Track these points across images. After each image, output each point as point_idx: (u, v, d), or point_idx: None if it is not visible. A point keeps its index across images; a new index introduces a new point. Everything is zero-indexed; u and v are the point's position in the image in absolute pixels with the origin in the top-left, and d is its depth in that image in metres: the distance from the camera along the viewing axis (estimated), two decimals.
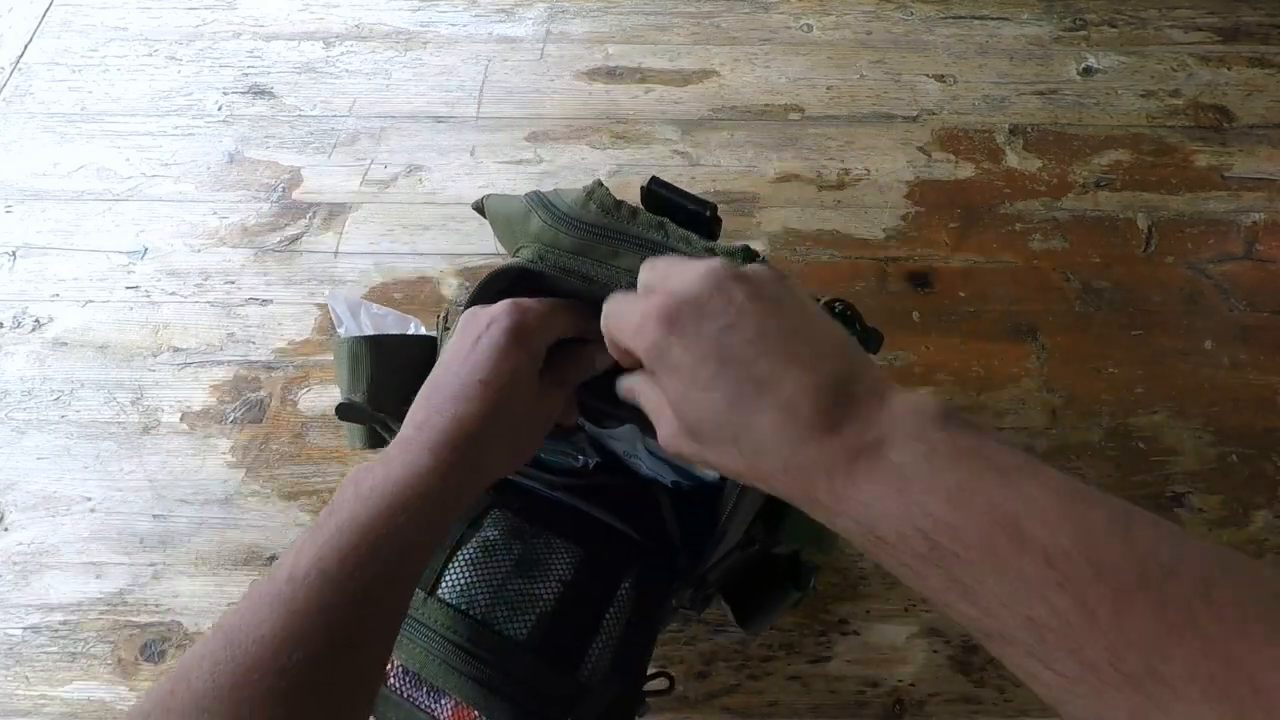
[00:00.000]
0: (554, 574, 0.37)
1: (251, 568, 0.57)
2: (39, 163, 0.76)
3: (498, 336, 0.34)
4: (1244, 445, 0.62)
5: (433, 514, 0.31)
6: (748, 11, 0.87)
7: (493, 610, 0.36)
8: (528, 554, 0.38)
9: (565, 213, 0.36)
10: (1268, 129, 0.78)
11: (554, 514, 0.40)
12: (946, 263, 0.70)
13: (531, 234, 0.37)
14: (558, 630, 0.36)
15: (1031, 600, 0.21)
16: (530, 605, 0.36)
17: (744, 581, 0.45)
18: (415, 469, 0.31)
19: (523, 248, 0.38)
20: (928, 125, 0.78)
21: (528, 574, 0.37)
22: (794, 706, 0.53)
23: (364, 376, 0.41)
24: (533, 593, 0.36)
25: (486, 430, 0.33)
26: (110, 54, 0.84)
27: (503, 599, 0.36)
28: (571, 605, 0.36)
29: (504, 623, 0.35)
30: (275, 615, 0.27)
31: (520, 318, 0.34)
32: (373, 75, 0.82)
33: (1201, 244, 0.71)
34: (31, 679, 0.54)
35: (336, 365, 0.42)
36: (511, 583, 0.37)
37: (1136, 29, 0.85)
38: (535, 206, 0.37)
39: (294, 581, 0.28)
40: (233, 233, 0.72)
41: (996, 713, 0.53)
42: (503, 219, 0.39)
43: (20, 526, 0.59)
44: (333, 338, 0.45)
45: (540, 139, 0.77)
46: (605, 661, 0.36)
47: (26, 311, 0.68)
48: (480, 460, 0.33)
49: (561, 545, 0.38)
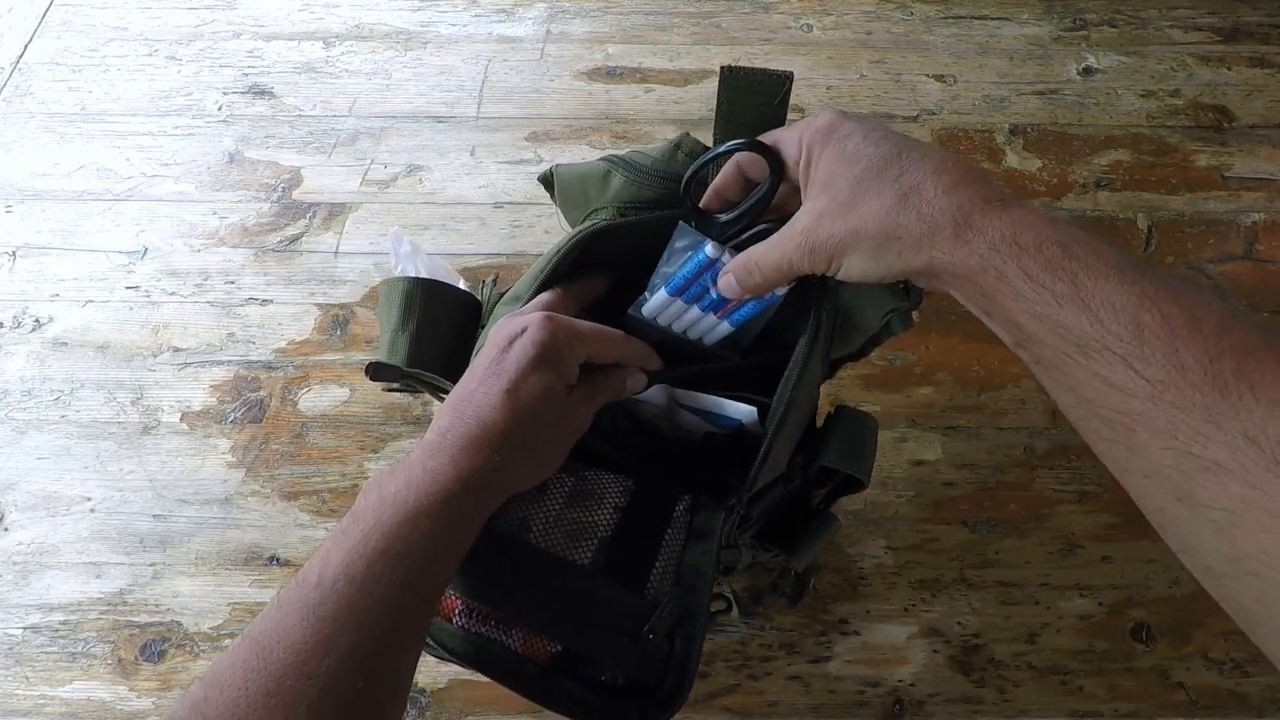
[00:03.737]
0: (609, 502, 0.37)
1: (251, 568, 0.57)
2: (39, 163, 0.76)
3: (528, 348, 0.34)
4: None
5: (456, 519, 0.31)
6: (748, 11, 0.87)
7: (551, 538, 0.36)
8: (580, 486, 0.38)
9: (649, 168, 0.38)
10: (1268, 129, 0.78)
11: (601, 457, 0.40)
12: None
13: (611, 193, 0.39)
14: (620, 552, 0.36)
15: (1143, 308, 0.24)
16: (590, 532, 0.36)
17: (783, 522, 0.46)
18: (438, 475, 0.31)
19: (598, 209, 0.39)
20: (928, 125, 0.78)
21: (583, 504, 0.37)
22: (794, 706, 0.53)
23: (414, 317, 0.41)
24: (590, 520, 0.36)
25: (510, 441, 0.33)
26: (110, 54, 0.84)
27: (560, 528, 0.36)
28: (630, 529, 0.36)
29: (564, 549, 0.35)
30: (305, 622, 0.28)
31: (551, 333, 0.34)
32: (373, 75, 0.82)
33: (1201, 244, 0.71)
34: (31, 679, 0.54)
35: (384, 304, 0.42)
36: (568, 513, 0.37)
37: (1136, 29, 0.85)
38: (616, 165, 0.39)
39: (322, 588, 0.28)
40: (233, 233, 0.72)
41: (996, 713, 0.53)
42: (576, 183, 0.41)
43: (20, 526, 0.59)
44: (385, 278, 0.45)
45: (540, 139, 0.77)
46: (669, 578, 0.36)
47: (26, 311, 0.68)
48: (503, 469, 0.33)
49: (612, 478, 0.39)
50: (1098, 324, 0.24)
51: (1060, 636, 0.55)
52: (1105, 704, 0.53)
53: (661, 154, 0.39)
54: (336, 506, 0.59)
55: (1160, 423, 0.23)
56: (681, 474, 0.40)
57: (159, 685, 0.53)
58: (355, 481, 0.60)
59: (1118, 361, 0.24)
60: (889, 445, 0.61)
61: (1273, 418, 0.21)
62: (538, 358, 0.34)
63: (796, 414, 0.38)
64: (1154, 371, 0.23)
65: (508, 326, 0.35)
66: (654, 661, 0.33)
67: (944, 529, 0.58)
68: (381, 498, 0.31)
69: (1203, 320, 0.23)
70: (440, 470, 0.31)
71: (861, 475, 0.41)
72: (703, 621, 0.35)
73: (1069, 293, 0.25)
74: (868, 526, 0.59)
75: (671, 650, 0.34)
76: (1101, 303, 0.25)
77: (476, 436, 0.32)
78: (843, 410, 0.42)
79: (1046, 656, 0.54)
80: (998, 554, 0.57)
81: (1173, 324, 0.23)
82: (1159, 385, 0.23)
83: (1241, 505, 0.21)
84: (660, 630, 0.34)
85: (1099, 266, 0.25)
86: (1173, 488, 0.23)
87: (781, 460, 0.39)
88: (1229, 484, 0.21)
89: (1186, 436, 0.22)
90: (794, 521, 0.46)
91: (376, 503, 0.31)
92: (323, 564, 0.29)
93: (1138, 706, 0.52)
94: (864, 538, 0.58)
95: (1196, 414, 0.22)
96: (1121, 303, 0.24)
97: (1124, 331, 0.24)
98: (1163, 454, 0.23)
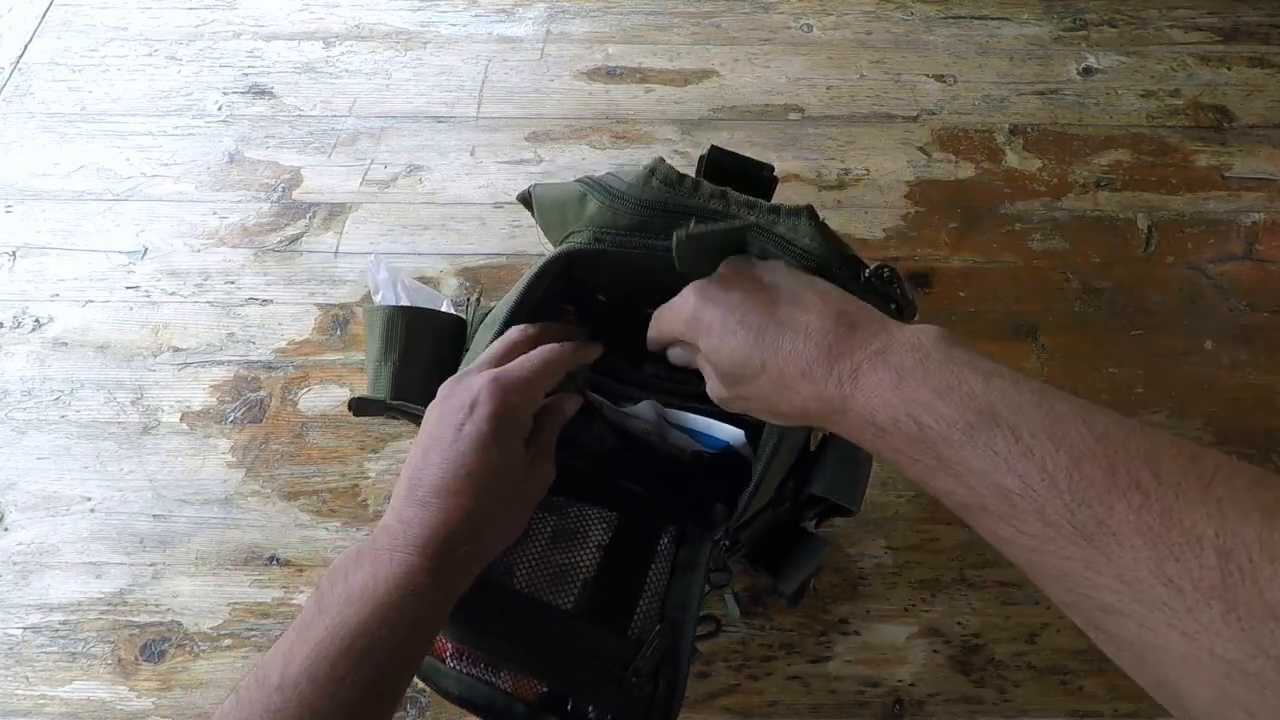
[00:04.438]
0: (591, 540, 0.37)
1: (252, 568, 0.57)
2: (39, 163, 0.76)
3: (482, 425, 0.33)
4: (1244, 445, 0.62)
5: (425, 613, 0.31)
6: (748, 11, 0.87)
7: (535, 583, 0.36)
8: (562, 525, 0.38)
9: (624, 192, 0.37)
10: (1268, 129, 0.78)
11: (583, 485, 0.40)
12: (946, 263, 0.70)
13: (587, 217, 0.38)
14: (603, 593, 0.36)
15: (1002, 471, 0.24)
16: (573, 575, 0.36)
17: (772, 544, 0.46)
18: (406, 567, 0.31)
19: (575, 233, 0.38)
20: (928, 125, 0.78)
21: (565, 545, 0.37)
22: (794, 706, 0.53)
23: (396, 347, 0.41)
24: (573, 562, 0.37)
25: (475, 523, 0.32)
26: (110, 54, 0.84)
27: (543, 572, 0.36)
28: (613, 568, 0.37)
29: (549, 594, 0.36)
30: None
31: (503, 400, 0.34)
32: (373, 75, 0.82)
33: (1201, 244, 0.71)
34: (31, 679, 0.54)
35: (368, 333, 0.42)
36: (551, 555, 0.37)
37: (1136, 29, 0.85)
38: (591, 189, 0.38)
39: (284, 690, 0.28)
40: (233, 233, 0.72)
41: (996, 713, 0.53)
42: (554, 205, 0.40)
43: (20, 526, 0.59)
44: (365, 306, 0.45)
45: (540, 139, 0.77)
46: (654, 614, 0.36)
47: (26, 311, 0.68)
48: (471, 553, 0.33)
49: (595, 513, 0.39)
50: (969, 491, 0.25)
51: (1060, 636, 0.55)
52: (1105, 704, 0.53)
53: (636, 179, 0.37)
54: (336, 506, 0.59)
55: (1053, 571, 0.24)
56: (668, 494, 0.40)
57: (159, 685, 0.53)
58: (355, 481, 0.60)
59: (1000, 522, 0.25)
60: None
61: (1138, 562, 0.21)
62: (492, 432, 0.33)
63: (789, 442, 0.38)
64: (1031, 528, 0.24)
65: (455, 399, 0.34)
66: (637, 702, 0.34)
67: (944, 529, 0.58)
68: (348, 592, 0.30)
69: (1056, 474, 0.23)
70: (407, 562, 0.31)
71: (851, 505, 0.41)
72: (686, 657, 0.35)
73: (936, 465, 0.26)
74: (868, 526, 0.59)
75: (655, 690, 0.34)
76: (966, 470, 0.25)
77: (440, 523, 0.32)
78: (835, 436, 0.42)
79: (1046, 656, 0.54)
80: (997, 554, 0.57)
81: (1030, 483, 0.24)
82: (1039, 539, 0.24)
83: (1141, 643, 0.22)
84: (644, 671, 0.34)
85: (951, 434, 0.25)
86: (1085, 620, 0.24)
87: (771, 489, 0.39)
88: (1125, 623, 0.22)
89: (1078, 583, 0.23)
90: (784, 543, 0.46)
91: (343, 598, 0.30)
92: (285, 661, 0.29)
93: (1138, 706, 0.52)
94: (864, 538, 0.58)
95: (1078, 564, 0.23)
96: (981, 467, 0.25)
97: (991, 496, 0.25)
98: (1067, 594, 0.24)
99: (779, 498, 0.41)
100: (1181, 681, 0.21)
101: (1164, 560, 0.21)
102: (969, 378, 0.27)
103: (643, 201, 0.37)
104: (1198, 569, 0.20)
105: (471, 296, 0.44)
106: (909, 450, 0.27)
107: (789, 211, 0.35)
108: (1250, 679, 0.19)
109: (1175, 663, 0.21)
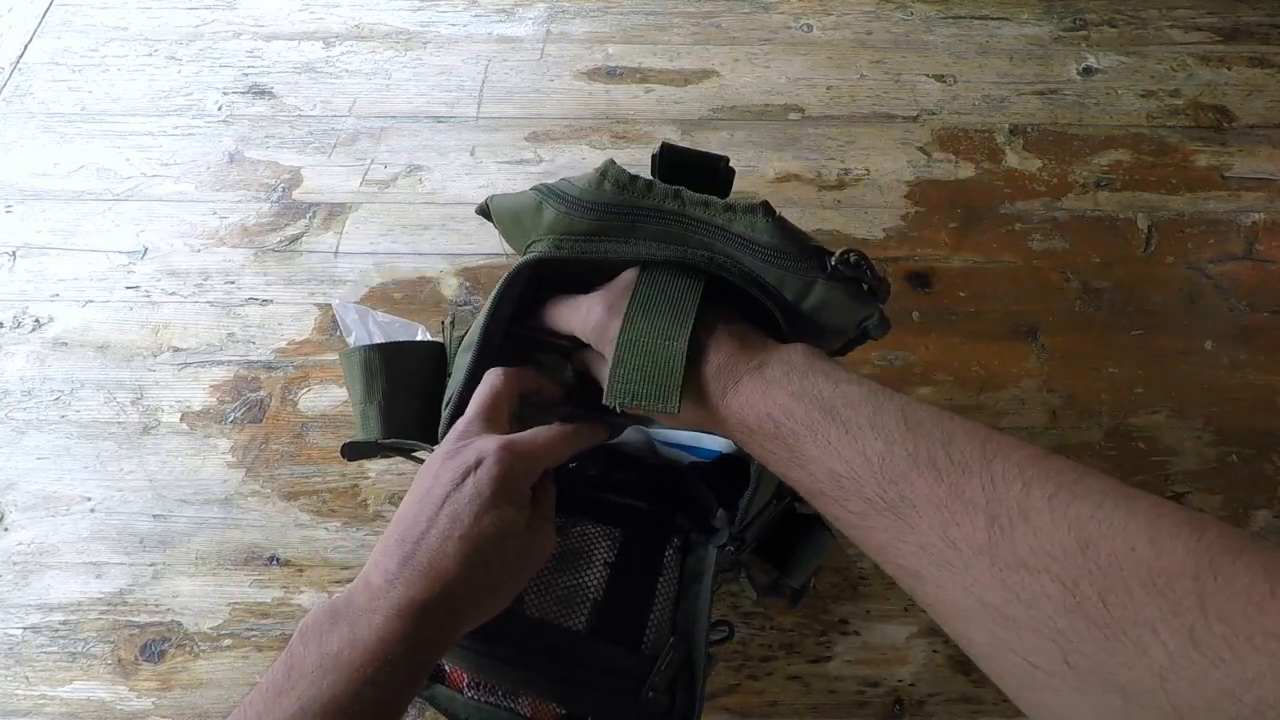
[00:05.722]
0: (597, 559, 0.37)
1: (251, 568, 0.57)
2: (39, 163, 0.76)
3: (484, 486, 0.31)
4: (1244, 445, 0.62)
5: (400, 683, 0.29)
6: (748, 11, 0.87)
7: (545, 607, 0.36)
8: (567, 546, 0.38)
9: (578, 197, 0.36)
10: (1268, 129, 0.78)
11: (585, 504, 0.40)
12: (946, 263, 0.70)
13: (545, 225, 0.37)
14: (613, 611, 0.36)
15: (832, 458, 0.28)
16: (581, 595, 0.36)
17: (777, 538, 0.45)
18: (383, 635, 0.29)
19: (535, 241, 0.38)
20: (928, 125, 0.78)
21: (572, 566, 0.37)
22: (794, 706, 0.53)
23: (378, 387, 0.40)
24: (581, 583, 0.36)
25: (463, 590, 0.31)
26: (110, 54, 0.84)
27: (552, 595, 0.36)
28: (621, 585, 0.36)
29: (558, 616, 0.35)
30: None
31: (510, 465, 0.32)
32: (373, 75, 0.82)
33: (1201, 244, 0.71)
34: (31, 679, 0.54)
35: (348, 377, 0.41)
36: (557, 578, 0.37)
37: (1136, 29, 0.85)
38: (546, 197, 0.37)
39: None
40: (233, 233, 0.72)
41: (996, 713, 0.53)
42: (510, 216, 0.39)
43: (20, 526, 0.59)
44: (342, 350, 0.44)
45: (540, 139, 0.77)
46: (666, 627, 0.36)
47: (26, 311, 0.68)
48: (453, 621, 0.31)
49: (599, 531, 0.38)
50: (811, 477, 0.29)
51: None
52: None
53: (589, 183, 0.36)
54: (336, 507, 0.59)
55: (874, 544, 0.28)
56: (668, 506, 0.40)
57: (159, 685, 0.53)
58: (355, 481, 0.60)
59: (833, 502, 0.29)
60: None
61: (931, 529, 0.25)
62: (494, 495, 0.31)
63: None
64: (854, 506, 0.28)
65: (460, 456, 0.33)
66: (656, 717, 0.34)
67: None
68: (323, 656, 0.29)
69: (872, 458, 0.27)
70: (385, 629, 0.29)
71: None
72: (701, 666, 0.35)
73: (789, 457, 0.30)
74: None
75: (673, 703, 0.34)
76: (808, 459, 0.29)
77: (426, 587, 0.30)
78: None
79: None
80: None
81: (853, 466, 0.27)
82: (859, 515, 0.28)
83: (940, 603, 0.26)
84: (660, 685, 0.34)
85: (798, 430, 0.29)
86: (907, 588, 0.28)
87: (771, 488, 0.39)
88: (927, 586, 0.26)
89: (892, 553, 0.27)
90: (789, 537, 0.46)
91: (317, 662, 0.29)
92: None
93: None
94: None
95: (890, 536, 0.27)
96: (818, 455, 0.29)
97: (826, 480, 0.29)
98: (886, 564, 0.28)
99: (780, 493, 0.41)
100: (969, 632, 0.25)
101: (948, 526, 0.25)
102: (820, 384, 0.30)
103: (597, 205, 0.36)
104: (971, 531, 0.24)
105: (445, 320, 0.43)
106: (769, 446, 0.31)
107: (745, 209, 0.34)
108: (1009, 621, 0.23)
109: (961, 615, 0.25)
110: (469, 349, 0.39)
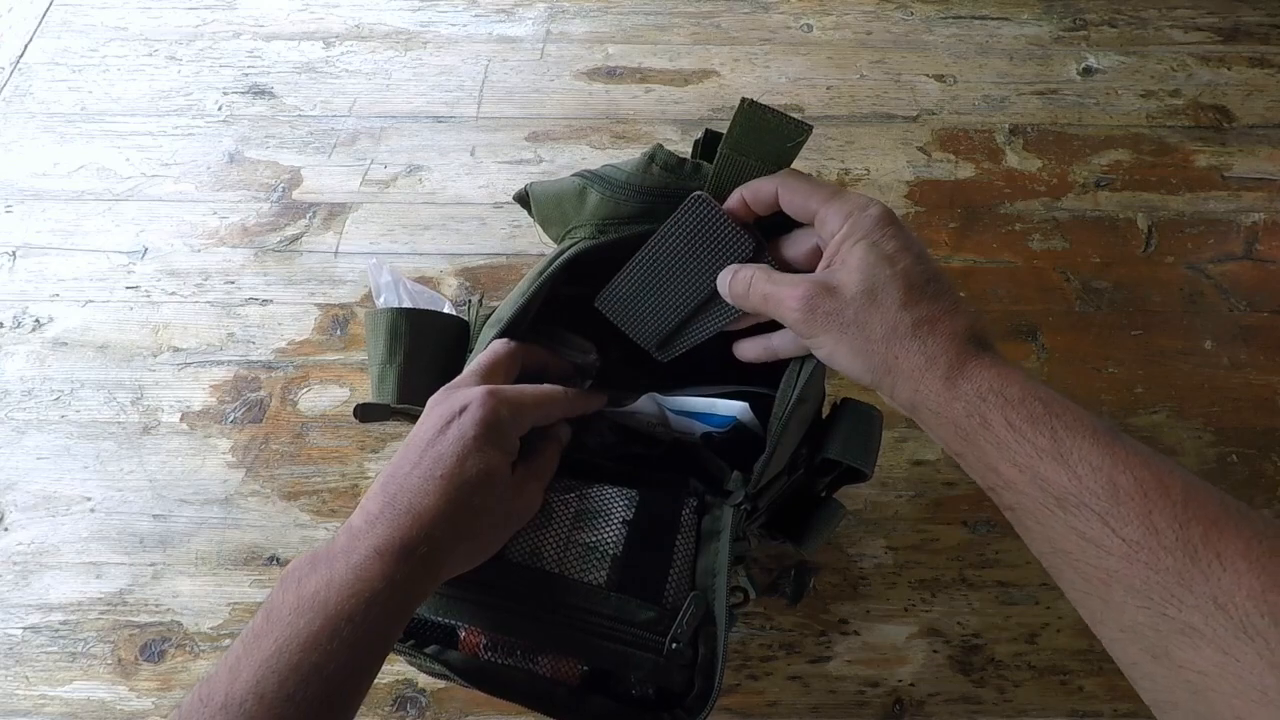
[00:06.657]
0: (615, 517, 0.37)
1: (251, 568, 0.57)
2: (39, 163, 0.76)
3: (468, 428, 0.32)
4: (1244, 445, 0.62)
5: (380, 622, 0.29)
6: (748, 11, 0.87)
7: (565, 562, 0.36)
8: (584, 506, 0.38)
9: (625, 182, 0.37)
10: (1268, 129, 0.78)
11: (601, 471, 0.40)
12: (946, 262, 0.70)
13: (588, 210, 0.37)
14: (634, 566, 0.36)
15: (1118, 470, 0.25)
16: (600, 552, 0.36)
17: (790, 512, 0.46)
18: (362, 573, 0.29)
19: (576, 227, 0.38)
20: (928, 125, 0.78)
21: (590, 524, 0.37)
22: (794, 706, 0.53)
23: (400, 350, 0.40)
24: (600, 540, 0.36)
25: (444, 531, 0.30)
26: (110, 54, 0.84)
27: (571, 551, 0.36)
28: (640, 541, 0.36)
29: (579, 572, 0.35)
30: None
31: (493, 409, 0.32)
32: (373, 75, 0.82)
33: (1201, 244, 0.71)
34: (31, 679, 0.54)
35: (370, 336, 0.42)
36: (576, 535, 0.36)
37: (1136, 29, 0.85)
38: (591, 182, 0.37)
39: (229, 709, 0.26)
40: (233, 233, 0.72)
41: (996, 713, 0.53)
42: (552, 201, 0.39)
43: (20, 526, 0.59)
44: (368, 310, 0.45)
45: (540, 139, 0.77)
46: (686, 582, 0.36)
47: (26, 311, 0.68)
48: (434, 562, 0.31)
49: (616, 491, 0.38)
50: (1075, 480, 0.25)
51: (1060, 636, 0.55)
52: (1105, 704, 0.53)
53: (636, 168, 0.37)
54: (337, 507, 0.59)
55: (1136, 582, 0.23)
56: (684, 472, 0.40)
57: (159, 685, 0.53)
58: (355, 481, 0.60)
59: (1094, 518, 0.25)
60: (890, 445, 0.61)
61: (1239, 586, 0.21)
62: (478, 438, 0.32)
63: (803, 411, 0.38)
64: (1129, 531, 0.24)
65: (447, 402, 0.33)
66: (680, 669, 0.34)
67: (944, 529, 0.58)
68: (300, 598, 0.28)
69: (1171, 487, 0.24)
70: (364, 567, 0.29)
71: (865, 468, 0.41)
72: (723, 620, 0.35)
73: (1050, 447, 0.26)
74: (868, 526, 0.59)
75: (696, 655, 0.34)
76: (1079, 460, 0.26)
77: (406, 527, 0.30)
78: (849, 401, 0.42)
79: (1046, 656, 0.54)
80: (997, 554, 0.57)
81: (1145, 487, 0.24)
82: (1134, 545, 0.24)
83: (1216, 670, 0.21)
84: (683, 638, 0.34)
85: (1077, 426, 0.26)
86: (1148, 645, 0.23)
87: (785, 456, 0.39)
88: (1203, 648, 0.22)
89: (1161, 598, 0.23)
90: (800, 510, 0.46)
91: (293, 607, 0.28)
92: (231, 678, 0.27)
93: (1138, 706, 0.52)
94: (864, 538, 0.58)
95: (1170, 576, 0.23)
96: (1098, 462, 0.25)
97: (1100, 490, 0.25)
98: (1138, 612, 0.23)
99: (794, 464, 0.41)
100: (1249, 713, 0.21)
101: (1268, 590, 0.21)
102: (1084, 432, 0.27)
103: (644, 189, 0.37)
104: None
105: (473, 298, 0.43)
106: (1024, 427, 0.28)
107: None
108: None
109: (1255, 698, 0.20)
110: (496, 325, 0.39)
